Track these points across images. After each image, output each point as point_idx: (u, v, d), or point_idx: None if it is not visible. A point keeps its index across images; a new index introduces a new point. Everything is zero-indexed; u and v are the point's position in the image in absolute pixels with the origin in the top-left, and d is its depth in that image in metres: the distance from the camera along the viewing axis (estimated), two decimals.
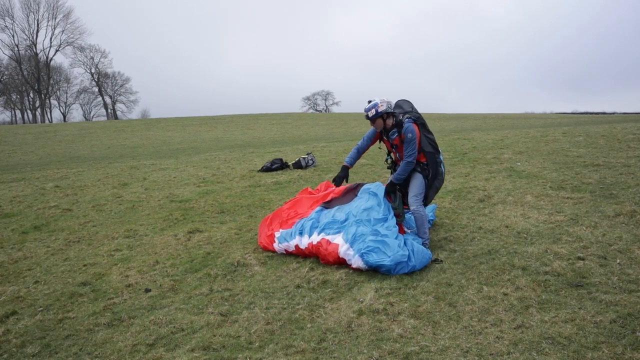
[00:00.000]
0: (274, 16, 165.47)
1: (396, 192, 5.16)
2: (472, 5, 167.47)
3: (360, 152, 5.40)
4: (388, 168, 5.51)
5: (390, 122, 5.06)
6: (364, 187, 5.47)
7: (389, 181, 5.25)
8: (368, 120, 5.09)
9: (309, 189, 6.54)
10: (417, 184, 5.03)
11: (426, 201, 5.12)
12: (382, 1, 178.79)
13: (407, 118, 4.99)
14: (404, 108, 5.19)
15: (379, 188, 5.28)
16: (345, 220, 5.06)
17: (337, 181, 5.45)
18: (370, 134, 5.30)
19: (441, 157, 5.16)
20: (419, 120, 5.03)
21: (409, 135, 4.88)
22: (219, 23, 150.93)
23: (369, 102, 5.06)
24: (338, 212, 5.25)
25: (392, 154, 5.33)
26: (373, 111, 4.99)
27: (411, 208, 5.04)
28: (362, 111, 5.19)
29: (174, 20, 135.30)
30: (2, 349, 3.68)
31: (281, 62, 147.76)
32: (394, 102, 5.20)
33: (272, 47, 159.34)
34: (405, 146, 4.94)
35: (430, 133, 5.10)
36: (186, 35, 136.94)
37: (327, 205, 5.49)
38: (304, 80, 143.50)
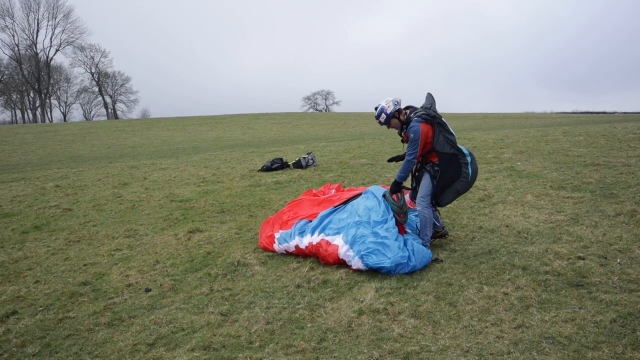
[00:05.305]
0: (274, 16, 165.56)
1: (402, 191, 5.09)
2: (473, 7, 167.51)
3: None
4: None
5: (402, 118, 5.01)
6: (369, 188, 5.48)
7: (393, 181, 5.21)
8: (381, 125, 5.05)
9: (313, 190, 6.56)
10: (425, 185, 4.96)
11: (442, 202, 4.97)
12: (385, 3, 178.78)
13: (416, 117, 4.87)
14: (424, 104, 5.08)
15: (379, 191, 5.28)
16: (347, 217, 5.06)
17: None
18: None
19: (468, 159, 4.96)
20: (434, 120, 4.85)
21: (411, 135, 4.81)
22: (218, 21, 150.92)
23: (376, 108, 5.04)
24: (341, 213, 5.25)
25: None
26: (383, 115, 4.98)
27: (417, 209, 5.02)
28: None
29: (173, 19, 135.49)
30: (2, 348, 3.68)
31: (281, 62, 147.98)
32: (401, 100, 5.09)
33: (272, 47, 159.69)
34: (408, 144, 4.89)
35: (451, 134, 4.93)
36: (185, 34, 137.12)
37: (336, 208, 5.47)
38: (304, 80, 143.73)
